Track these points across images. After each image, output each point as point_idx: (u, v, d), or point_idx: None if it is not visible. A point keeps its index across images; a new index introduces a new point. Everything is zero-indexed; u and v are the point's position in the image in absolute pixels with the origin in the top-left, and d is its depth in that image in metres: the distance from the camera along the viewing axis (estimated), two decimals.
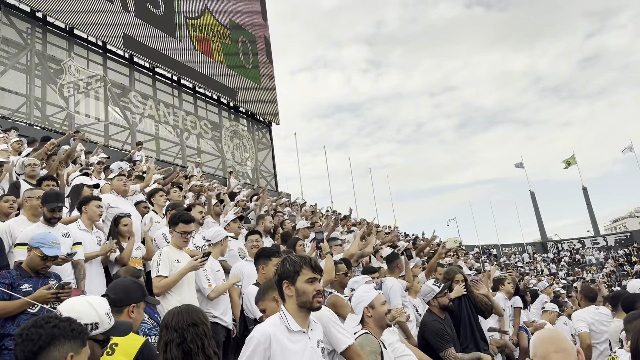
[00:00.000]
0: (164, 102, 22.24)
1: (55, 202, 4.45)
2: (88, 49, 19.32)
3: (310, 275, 2.53)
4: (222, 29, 26.38)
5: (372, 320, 3.38)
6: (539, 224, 48.81)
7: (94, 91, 18.80)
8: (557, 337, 1.98)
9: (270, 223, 7.71)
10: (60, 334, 1.66)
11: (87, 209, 5.33)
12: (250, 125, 28.24)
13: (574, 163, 48.36)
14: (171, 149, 22.24)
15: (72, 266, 4.55)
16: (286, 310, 2.53)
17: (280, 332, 2.47)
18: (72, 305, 2.09)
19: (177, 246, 4.70)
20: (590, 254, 43.10)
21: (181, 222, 4.65)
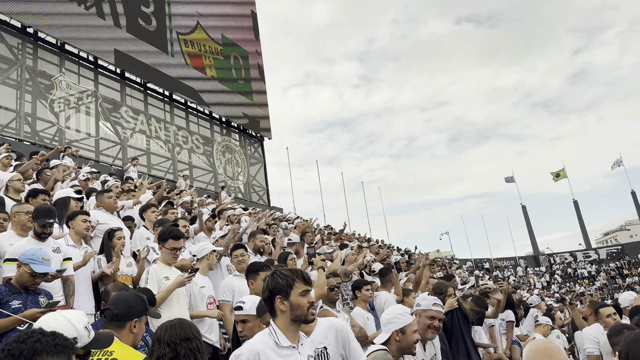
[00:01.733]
0: (156, 117, 22.21)
1: (47, 218, 4.39)
2: (79, 64, 19.30)
3: (303, 287, 2.48)
4: (214, 45, 26.49)
5: (397, 345, 3.32)
6: (531, 237, 48.99)
7: (85, 106, 18.75)
8: (552, 348, 1.96)
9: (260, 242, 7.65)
10: (43, 349, 1.61)
11: (73, 224, 5.26)
12: (242, 140, 28.23)
13: (564, 176, 48.71)
14: (162, 164, 22.16)
15: (62, 282, 4.48)
16: (276, 326, 2.49)
17: (269, 347, 2.42)
18: (47, 322, 2.04)
19: (166, 262, 4.65)
20: (582, 267, 43.23)
21: (171, 238, 4.61)
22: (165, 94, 23.14)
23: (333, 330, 2.79)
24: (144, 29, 21.91)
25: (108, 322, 2.76)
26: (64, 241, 5.01)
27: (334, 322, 2.91)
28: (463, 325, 4.94)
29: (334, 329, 2.80)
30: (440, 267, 18.26)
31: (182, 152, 23.19)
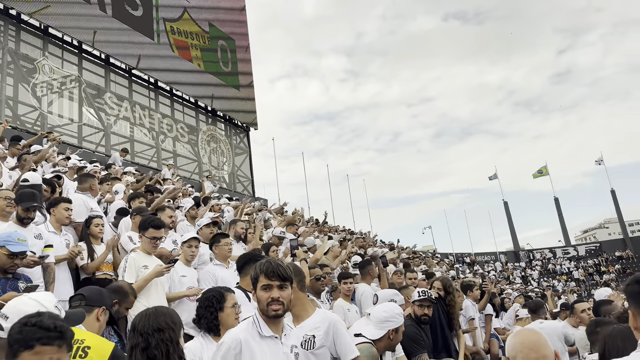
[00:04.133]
0: (140, 104, 21.96)
1: (31, 202, 4.35)
2: (63, 48, 18.98)
3: (264, 282, 2.46)
4: (201, 33, 26.22)
5: (389, 342, 3.42)
6: (512, 233, 49.63)
7: (68, 91, 18.46)
8: (538, 341, 1.96)
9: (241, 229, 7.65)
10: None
11: (55, 211, 5.21)
12: (227, 130, 28.06)
13: (546, 174, 49.33)
14: (146, 151, 21.96)
15: (42, 269, 4.45)
16: (259, 316, 2.50)
17: (252, 337, 2.43)
18: (16, 305, 2.03)
19: (146, 251, 4.64)
20: (561, 263, 43.94)
21: (151, 227, 4.60)
22: (150, 81, 22.87)
23: (326, 322, 2.84)
24: (130, 15, 21.58)
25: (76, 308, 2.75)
26: (45, 227, 4.97)
27: (330, 316, 2.96)
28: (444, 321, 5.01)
29: (328, 322, 2.85)
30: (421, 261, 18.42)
31: (166, 141, 22.98)
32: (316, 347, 2.79)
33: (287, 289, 2.48)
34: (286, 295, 2.47)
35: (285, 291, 2.47)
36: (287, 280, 2.48)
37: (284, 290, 2.47)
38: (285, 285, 2.47)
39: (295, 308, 2.94)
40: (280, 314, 2.46)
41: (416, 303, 4.56)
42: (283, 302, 2.45)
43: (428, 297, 4.55)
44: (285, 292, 2.47)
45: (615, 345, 2.34)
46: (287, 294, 2.48)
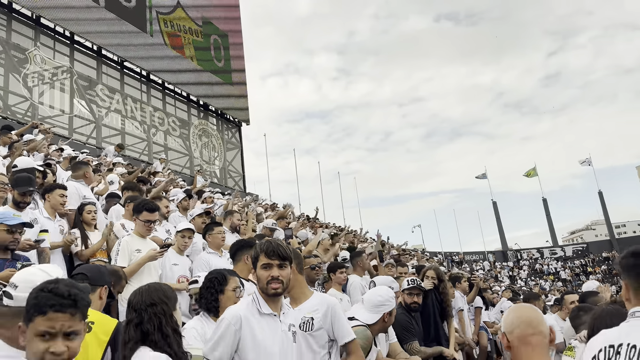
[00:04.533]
0: (132, 97, 21.87)
1: (28, 186, 4.36)
2: (55, 39, 18.86)
3: (265, 261, 2.51)
4: (194, 26, 26.13)
5: (383, 325, 3.52)
6: (500, 233, 49.93)
7: (60, 82, 18.34)
8: (536, 317, 2.01)
9: (238, 220, 7.69)
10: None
11: (50, 197, 5.21)
12: (219, 125, 28.01)
13: (535, 174, 49.72)
14: (137, 144, 21.88)
15: (37, 253, 4.45)
16: (259, 294, 2.55)
17: (252, 314, 2.49)
18: (25, 275, 2.06)
19: (140, 234, 4.66)
20: (548, 263, 44.36)
21: (145, 210, 4.62)
22: (143, 74, 22.79)
23: (325, 305, 2.86)
24: (124, 7, 21.46)
25: None
26: (40, 213, 4.98)
27: (328, 299, 3.01)
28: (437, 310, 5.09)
29: (326, 304, 2.87)
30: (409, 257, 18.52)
31: (157, 134, 22.90)
32: (314, 329, 2.83)
33: (286, 268, 2.53)
34: (285, 274, 2.52)
35: (285, 270, 2.52)
36: (287, 259, 2.53)
37: (284, 269, 2.52)
38: (284, 264, 2.52)
39: (294, 290, 2.98)
40: (280, 292, 2.51)
41: (405, 291, 4.63)
42: (282, 281, 2.50)
43: (417, 285, 4.62)
44: (285, 272, 2.52)
45: (604, 323, 2.40)
46: (287, 273, 2.53)
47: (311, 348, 2.79)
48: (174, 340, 2.06)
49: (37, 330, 1.63)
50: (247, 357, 2.41)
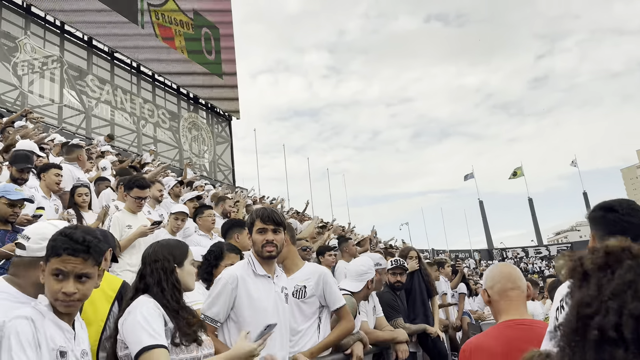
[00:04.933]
0: (122, 88, 21.83)
1: (26, 163, 4.46)
2: (45, 28, 18.77)
3: (260, 225, 2.68)
4: (185, 19, 26.10)
5: (366, 292, 3.74)
6: (486, 232, 50.56)
7: (50, 72, 18.28)
8: (515, 274, 2.19)
9: (229, 207, 7.83)
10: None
11: (45, 177, 5.32)
12: (209, 118, 28.02)
13: (521, 175, 50.32)
14: (127, 136, 21.84)
15: None
16: (254, 257, 2.71)
17: (247, 274, 2.64)
18: (37, 228, 2.18)
19: (131, 210, 4.77)
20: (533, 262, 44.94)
21: (136, 187, 4.72)
22: (133, 65, 22.74)
23: (317, 274, 3.07)
24: None
25: None
26: (36, 191, 5.08)
27: (319, 268, 3.20)
28: (423, 289, 5.28)
29: (318, 273, 3.08)
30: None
31: (147, 126, 22.88)
32: (307, 297, 3.00)
33: (280, 233, 2.69)
34: (279, 239, 2.68)
35: (279, 235, 2.68)
36: (281, 225, 2.70)
37: (278, 234, 2.68)
38: (278, 229, 2.68)
39: (287, 261, 3.14)
40: (274, 255, 2.67)
41: (390, 271, 4.80)
42: (276, 245, 2.66)
43: (400, 264, 4.81)
44: (279, 236, 2.68)
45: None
46: (281, 238, 2.69)
47: (303, 313, 2.97)
48: (170, 294, 2.19)
49: (51, 270, 1.78)
50: (242, 313, 2.57)
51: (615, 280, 0.85)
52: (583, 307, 0.87)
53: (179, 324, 2.13)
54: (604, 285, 0.86)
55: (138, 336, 2.02)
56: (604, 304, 0.84)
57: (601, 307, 0.84)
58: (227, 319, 2.61)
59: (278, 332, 2.60)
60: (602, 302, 0.84)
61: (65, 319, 1.84)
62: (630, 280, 0.84)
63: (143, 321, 2.04)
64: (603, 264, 0.89)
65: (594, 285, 0.87)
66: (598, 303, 0.85)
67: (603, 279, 0.87)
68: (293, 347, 2.86)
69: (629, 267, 0.86)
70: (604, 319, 0.83)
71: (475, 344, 2.21)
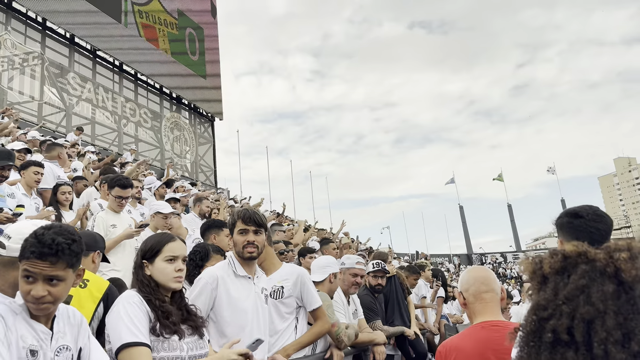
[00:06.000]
0: (104, 87, 21.60)
1: (7, 160, 4.43)
2: (26, 24, 18.51)
3: (241, 226, 2.71)
4: (169, 18, 25.95)
5: (329, 286, 3.78)
6: (466, 237, 51.05)
7: (30, 69, 18.02)
8: (489, 277, 2.26)
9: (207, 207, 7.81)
10: None
11: (25, 174, 5.28)
12: (192, 118, 27.88)
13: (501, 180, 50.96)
14: (107, 135, 21.62)
15: None
16: (234, 257, 2.74)
17: (227, 275, 2.67)
18: (19, 227, 2.16)
19: (113, 210, 4.76)
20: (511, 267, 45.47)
21: (117, 186, 4.72)
22: (115, 64, 22.53)
23: (295, 274, 3.10)
24: None
25: None
26: (17, 189, 5.04)
27: (297, 269, 3.24)
28: (399, 292, 5.35)
29: (296, 274, 3.11)
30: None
31: (128, 125, 22.67)
32: (284, 297, 3.04)
33: (261, 235, 2.73)
34: (260, 240, 2.72)
35: (260, 236, 2.72)
36: (262, 226, 2.73)
37: (259, 235, 2.72)
38: (260, 230, 2.72)
39: (265, 262, 3.17)
40: (255, 256, 2.70)
41: (370, 274, 4.87)
42: (257, 246, 2.69)
43: (381, 268, 4.87)
44: (260, 237, 2.72)
45: None
46: (262, 239, 2.73)
47: (280, 313, 3.00)
48: (144, 289, 2.20)
49: (21, 272, 1.76)
50: (222, 313, 2.60)
51: (570, 285, 0.91)
52: (540, 310, 0.92)
53: (157, 314, 2.13)
54: (559, 289, 0.91)
55: (118, 332, 2.03)
56: (559, 308, 0.89)
57: (556, 311, 0.89)
58: (207, 319, 2.63)
59: (257, 331, 2.64)
60: (557, 305, 0.89)
61: (41, 320, 1.83)
62: (583, 285, 0.89)
63: (125, 315, 2.05)
64: (560, 268, 0.94)
65: (551, 290, 0.92)
66: (553, 306, 0.90)
67: (559, 283, 0.92)
68: (272, 347, 2.89)
69: (583, 272, 0.91)
70: (557, 322, 0.88)
71: (450, 345, 2.27)
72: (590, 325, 0.85)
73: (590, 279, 0.90)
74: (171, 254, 2.26)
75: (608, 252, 0.92)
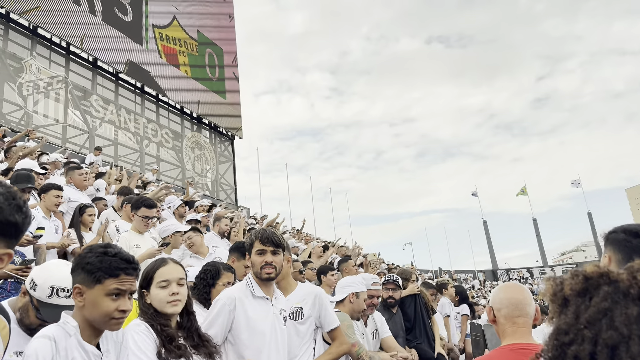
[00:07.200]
0: (126, 108, 21.99)
1: (27, 183, 4.46)
2: (51, 49, 18.99)
3: (259, 247, 2.66)
4: (190, 40, 26.40)
5: (350, 307, 3.65)
6: (490, 252, 50.15)
7: (55, 92, 18.45)
8: (524, 301, 2.11)
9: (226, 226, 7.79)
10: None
11: (45, 197, 5.31)
12: (212, 138, 28.15)
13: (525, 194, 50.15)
14: (130, 155, 21.93)
15: (34, 250, 4.54)
16: (252, 278, 2.68)
17: (245, 296, 2.61)
18: (52, 269, 2.22)
19: (138, 230, 4.74)
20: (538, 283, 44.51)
21: (144, 206, 4.70)
22: (137, 86, 22.94)
23: (312, 295, 3.02)
24: (120, 19, 21.70)
25: None
26: (37, 212, 5.07)
27: (314, 288, 3.16)
28: (424, 311, 5.21)
29: (314, 294, 3.03)
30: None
31: (150, 145, 22.99)
32: (304, 318, 2.96)
33: (279, 255, 2.66)
34: (279, 260, 2.65)
35: (278, 257, 2.66)
36: (280, 247, 2.67)
37: (277, 255, 2.65)
38: (278, 251, 2.66)
39: (282, 282, 3.11)
40: (273, 277, 2.64)
41: (382, 286, 4.75)
42: (275, 267, 2.63)
43: (393, 280, 4.76)
44: (278, 258, 2.65)
45: None
46: (280, 260, 2.67)
47: (299, 334, 2.92)
48: (146, 316, 2.22)
49: (109, 290, 1.79)
50: (240, 335, 2.53)
51: (592, 308, 0.85)
52: (561, 335, 0.87)
53: (162, 339, 2.14)
54: (581, 313, 0.86)
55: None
56: (580, 332, 0.84)
57: (577, 336, 0.84)
58: (225, 341, 2.57)
59: (276, 354, 2.56)
60: (578, 330, 0.84)
61: (92, 342, 1.86)
62: (605, 308, 0.83)
63: (135, 348, 2.06)
64: (581, 289, 0.88)
65: (572, 313, 0.87)
66: (575, 331, 0.85)
67: (581, 306, 0.86)
68: None
69: (605, 295, 0.85)
70: (579, 348, 0.82)
71: None
72: (614, 351, 0.80)
73: (613, 301, 0.84)
74: (162, 279, 2.27)
75: (631, 273, 0.86)
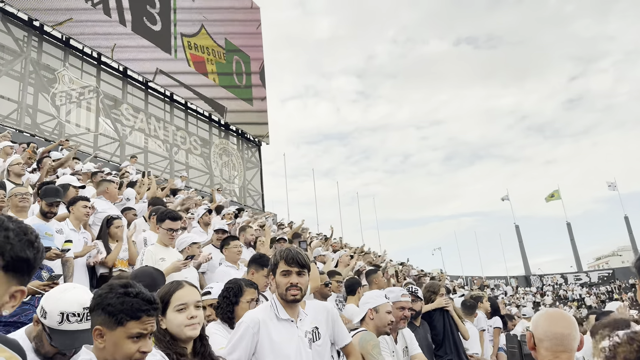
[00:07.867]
0: (155, 116, 22.31)
1: (55, 197, 4.50)
2: (83, 59, 19.42)
3: (284, 267, 2.58)
4: (217, 48, 26.67)
5: (372, 323, 3.55)
6: (523, 257, 49.06)
7: (86, 102, 18.84)
8: (569, 336, 1.99)
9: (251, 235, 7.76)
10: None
11: (74, 209, 5.37)
12: (239, 144, 28.35)
13: (558, 197, 48.96)
14: (159, 163, 22.23)
15: (62, 263, 4.58)
16: (277, 299, 2.60)
17: (269, 319, 2.54)
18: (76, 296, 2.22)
19: (163, 243, 4.73)
20: (573, 289, 43.32)
21: (168, 218, 4.69)
22: (166, 94, 23.27)
23: (325, 312, 2.86)
24: (149, 29, 22.07)
25: None
26: (66, 224, 5.12)
27: (324, 304, 3.03)
28: (453, 326, 5.06)
29: (325, 311, 2.87)
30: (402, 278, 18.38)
31: (179, 153, 23.27)
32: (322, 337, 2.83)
33: (305, 276, 2.58)
34: (304, 281, 2.57)
35: (303, 277, 2.57)
36: (306, 267, 2.58)
37: (302, 276, 2.57)
38: (303, 272, 2.57)
39: None
40: (298, 298, 2.56)
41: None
42: (301, 288, 2.55)
43: (412, 292, 4.62)
44: (304, 279, 2.57)
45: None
46: (305, 281, 2.58)
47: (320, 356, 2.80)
48: (161, 344, 2.17)
49: (130, 333, 1.73)
50: (264, 359, 2.45)
51: None
52: None
53: None
54: None
55: None
56: None
57: None
58: None
59: None
60: None
61: None
62: None
63: None
64: (636, 359, 0.77)
65: None
66: None
67: None
68: None
69: None
70: None
71: None
72: None
73: None
74: (180, 303, 2.21)
75: None
